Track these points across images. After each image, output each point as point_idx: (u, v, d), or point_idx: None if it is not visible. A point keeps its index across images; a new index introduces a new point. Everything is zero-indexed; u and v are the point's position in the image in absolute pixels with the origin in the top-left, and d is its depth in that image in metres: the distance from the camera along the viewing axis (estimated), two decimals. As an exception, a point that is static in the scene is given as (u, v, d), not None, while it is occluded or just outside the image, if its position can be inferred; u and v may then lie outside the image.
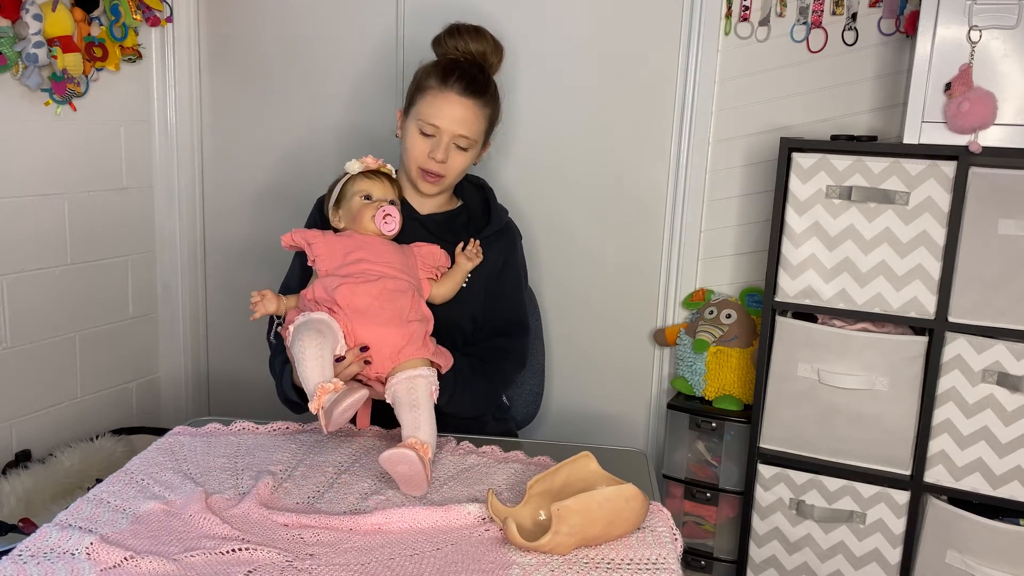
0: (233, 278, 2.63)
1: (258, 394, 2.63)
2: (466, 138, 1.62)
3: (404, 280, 1.45)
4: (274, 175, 2.53)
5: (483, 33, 1.69)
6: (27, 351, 2.20)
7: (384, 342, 1.38)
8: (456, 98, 1.60)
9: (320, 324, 1.36)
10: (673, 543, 1.17)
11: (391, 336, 1.38)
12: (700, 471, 2.10)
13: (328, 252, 1.47)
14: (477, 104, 1.63)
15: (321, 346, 1.32)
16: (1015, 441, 1.71)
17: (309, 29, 2.41)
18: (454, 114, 1.60)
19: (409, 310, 1.42)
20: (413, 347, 1.40)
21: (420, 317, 1.44)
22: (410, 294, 1.44)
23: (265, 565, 1.09)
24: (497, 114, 1.72)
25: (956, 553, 1.75)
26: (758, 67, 2.07)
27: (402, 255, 1.51)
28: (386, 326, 1.38)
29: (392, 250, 1.49)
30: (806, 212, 1.81)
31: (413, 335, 1.40)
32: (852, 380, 1.81)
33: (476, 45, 1.67)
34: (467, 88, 1.61)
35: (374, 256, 1.45)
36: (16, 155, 2.11)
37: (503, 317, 1.69)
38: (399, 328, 1.39)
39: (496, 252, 1.68)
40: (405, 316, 1.40)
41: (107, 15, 2.24)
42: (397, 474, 1.26)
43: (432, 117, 1.60)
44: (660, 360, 2.27)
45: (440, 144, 1.60)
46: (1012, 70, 1.64)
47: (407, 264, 1.50)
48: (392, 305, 1.40)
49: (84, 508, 1.22)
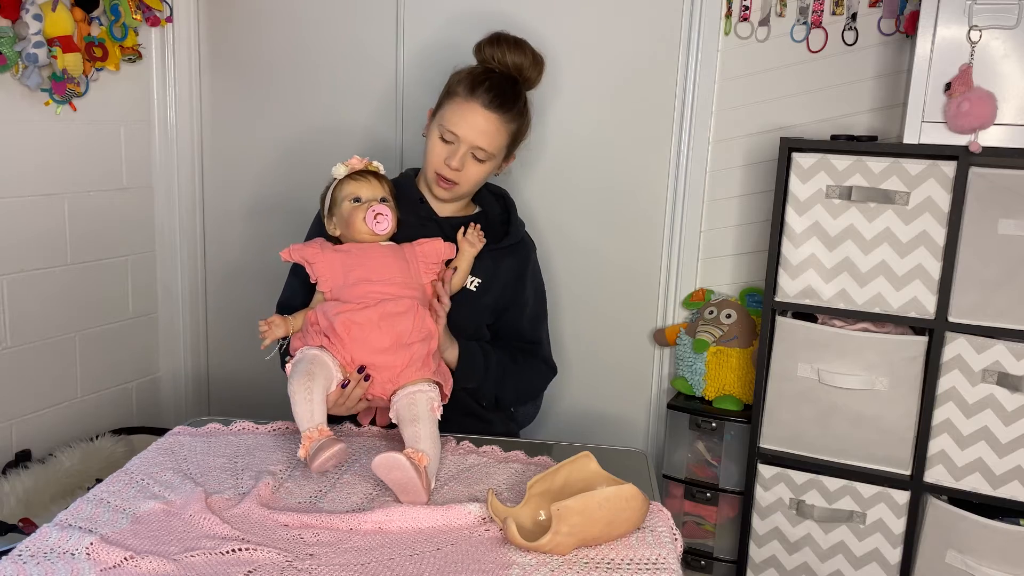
0: (233, 278, 2.63)
1: (258, 394, 2.63)
2: (484, 151, 1.61)
3: (406, 298, 1.44)
4: (274, 175, 2.53)
5: (523, 46, 1.66)
6: (27, 351, 2.20)
7: (384, 367, 1.39)
8: (480, 110, 1.59)
9: (311, 365, 1.37)
10: (673, 543, 1.17)
11: (391, 361, 1.39)
12: (700, 471, 2.10)
13: (329, 271, 1.47)
14: (502, 119, 1.61)
15: (309, 389, 1.33)
16: (1015, 441, 1.71)
17: (309, 29, 2.41)
18: (476, 126, 1.59)
19: (411, 331, 1.41)
20: (413, 369, 1.40)
21: (422, 337, 1.42)
22: (411, 314, 1.43)
23: (265, 565, 1.09)
24: (524, 129, 1.70)
25: (956, 553, 1.75)
26: (758, 67, 2.07)
27: (403, 263, 1.49)
28: (385, 353, 1.39)
29: (392, 260, 1.48)
30: (806, 212, 1.81)
31: (413, 357, 1.40)
32: (852, 380, 1.81)
33: (514, 57, 1.65)
34: (493, 101, 1.60)
35: (374, 273, 1.45)
36: (16, 155, 2.11)
37: (515, 328, 1.71)
38: (398, 353, 1.40)
39: (508, 266, 1.68)
40: (405, 339, 1.40)
41: (107, 15, 2.24)
42: (392, 481, 1.25)
43: (453, 125, 1.60)
44: (660, 360, 2.27)
45: (457, 152, 1.60)
46: (1012, 70, 1.64)
47: (409, 273, 1.49)
48: (392, 331, 1.40)
49: (84, 508, 1.22)
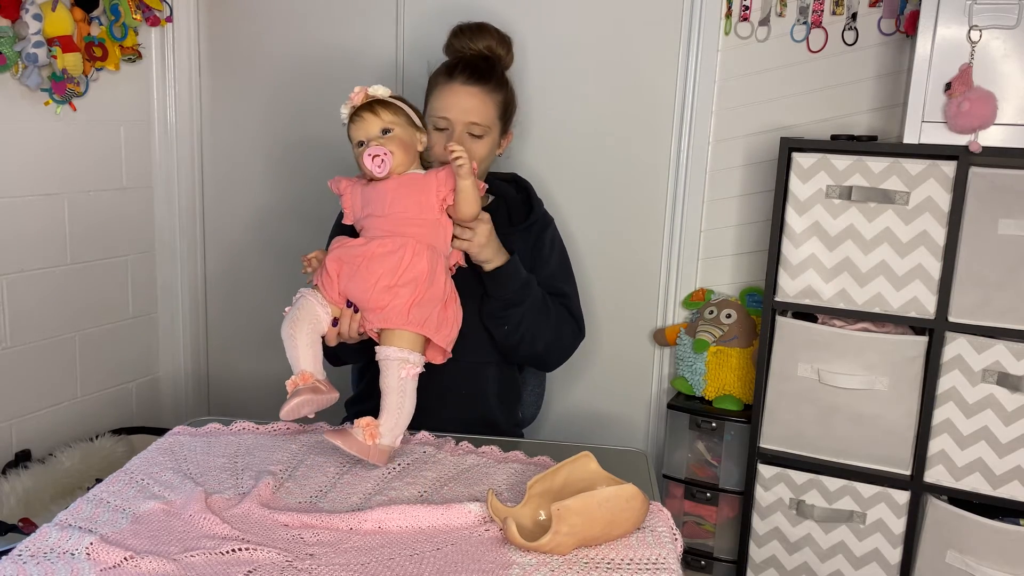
0: (233, 278, 2.63)
1: (258, 394, 2.63)
2: (478, 124, 1.65)
3: (399, 237, 1.42)
4: (274, 175, 2.53)
5: (485, 28, 1.74)
6: (27, 351, 2.20)
7: (367, 307, 1.42)
8: (461, 87, 1.64)
9: (297, 311, 1.43)
10: (673, 543, 1.16)
11: (373, 301, 1.41)
12: (700, 471, 2.10)
13: (351, 204, 1.51)
14: (483, 90, 1.66)
15: (292, 336, 1.40)
16: (1015, 441, 1.71)
17: (309, 28, 2.41)
18: (461, 103, 1.64)
19: (392, 273, 1.40)
20: (395, 313, 1.40)
21: (406, 281, 1.41)
22: (401, 254, 1.41)
23: (265, 565, 1.09)
24: (511, 100, 1.74)
25: (956, 553, 1.75)
26: (758, 67, 2.07)
27: (417, 194, 1.46)
28: (367, 292, 1.41)
29: (405, 193, 1.45)
30: (806, 212, 1.81)
31: (396, 301, 1.40)
32: (852, 380, 1.81)
33: (481, 41, 1.72)
34: (471, 76, 1.65)
35: (381, 207, 1.45)
36: (16, 155, 2.11)
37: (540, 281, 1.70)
38: (380, 294, 1.40)
39: (526, 243, 1.70)
40: (386, 281, 1.40)
41: (107, 15, 2.24)
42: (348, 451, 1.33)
43: (441, 110, 1.64)
44: (660, 360, 2.27)
45: (454, 134, 1.63)
46: (1012, 70, 1.64)
47: (421, 206, 1.46)
48: (375, 271, 1.41)
49: (84, 508, 1.22)
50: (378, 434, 1.35)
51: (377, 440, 1.34)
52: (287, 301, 1.48)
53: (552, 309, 1.69)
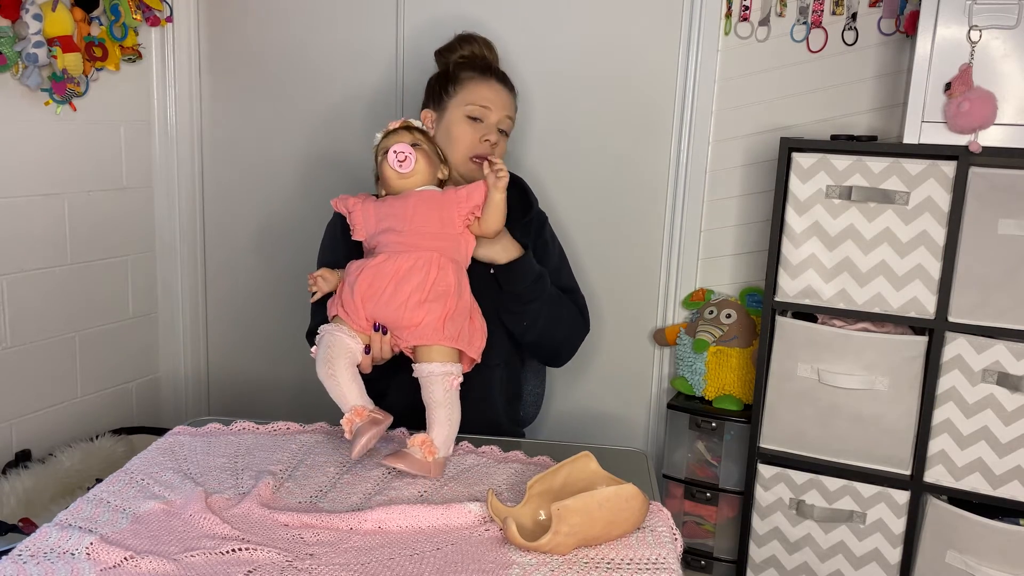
0: (233, 278, 2.63)
1: (258, 394, 2.63)
2: (510, 120, 1.72)
3: (423, 251, 1.41)
4: (274, 175, 2.53)
5: (471, 37, 1.78)
6: (27, 351, 2.20)
7: (397, 325, 1.41)
8: (498, 85, 1.71)
9: (328, 349, 1.40)
10: (673, 543, 1.17)
11: (404, 319, 1.40)
12: (700, 471, 2.10)
13: (363, 220, 1.50)
14: (511, 95, 1.74)
15: (332, 375, 1.38)
16: (1015, 441, 1.71)
17: (309, 29, 2.41)
18: (502, 98, 1.70)
19: (427, 288, 1.39)
20: (429, 330, 1.39)
21: (437, 295, 1.40)
22: (427, 269, 1.40)
23: (265, 565, 1.09)
24: None
25: (956, 553, 1.75)
26: (758, 67, 2.07)
27: (438, 210, 1.46)
28: (397, 310, 1.39)
29: (425, 208, 1.45)
30: (806, 212, 1.81)
31: (428, 317, 1.39)
32: (852, 380, 1.81)
33: (472, 49, 1.76)
34: (503, 79, 1.74)
35: (401, 222, 1.44)
36: (16, 155, 2.11)
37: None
38: (412, 311, 1.39)
39: (523, 235, 1.69)
40: (417, 297, 1.39)
41: (107, 15, 2.24)
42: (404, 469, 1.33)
43: (483, 100, 1.68)
44: (660, 360, 2.27)
45: (491, 126, 1.67)
46: (1012, 70, 1.64)
47: (442, 222, 1.46)
48: (402, 288, 1.39)
49: (84, 508, 1.22)
50: (435, 449, 1.35)
51: (436, 455, 1.35)
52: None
53: (562, 300, 1.70)
